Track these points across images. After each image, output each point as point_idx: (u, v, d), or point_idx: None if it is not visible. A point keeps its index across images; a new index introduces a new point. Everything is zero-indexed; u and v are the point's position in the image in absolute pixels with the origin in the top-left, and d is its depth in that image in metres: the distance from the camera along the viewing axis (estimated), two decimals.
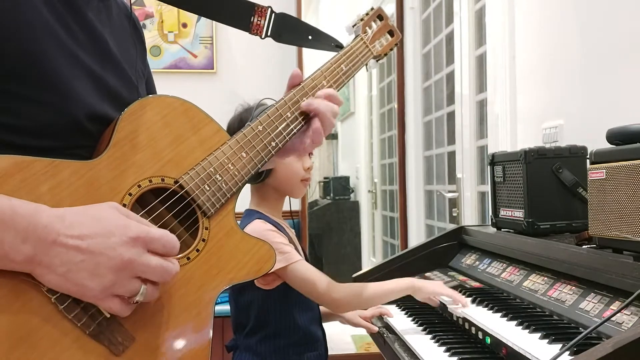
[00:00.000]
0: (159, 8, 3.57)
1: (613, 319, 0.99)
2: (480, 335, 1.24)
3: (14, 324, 0.71)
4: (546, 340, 1.06)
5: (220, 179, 0.90)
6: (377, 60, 1.26)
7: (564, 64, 1.88)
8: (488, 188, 1.89)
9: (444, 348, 1.24)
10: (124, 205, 0.81)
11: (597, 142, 1.16)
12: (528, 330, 1.13)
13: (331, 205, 5.42)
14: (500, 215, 1.62)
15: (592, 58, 1.73)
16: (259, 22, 1.13)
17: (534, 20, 2.07)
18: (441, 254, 1.79)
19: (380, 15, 1.26)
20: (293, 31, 1.17)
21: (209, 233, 0.88)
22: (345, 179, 5.65)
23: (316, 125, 1.04)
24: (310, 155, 1.61)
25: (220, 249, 0.89)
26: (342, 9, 5.14)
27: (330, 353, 1.66)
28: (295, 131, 1.03)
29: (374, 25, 1.25)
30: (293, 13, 3.39)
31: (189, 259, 0.86)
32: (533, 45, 2.08)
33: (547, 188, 1.47)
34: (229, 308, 1.65)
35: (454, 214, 2.89)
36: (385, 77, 4.65)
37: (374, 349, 2.14)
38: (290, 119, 1.02)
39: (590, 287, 1.14)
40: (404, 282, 1.49)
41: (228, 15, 1.13)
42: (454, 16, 2.92)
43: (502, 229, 1.62)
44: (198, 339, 0.84)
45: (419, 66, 3.62)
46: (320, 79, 1.09)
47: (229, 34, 3.57)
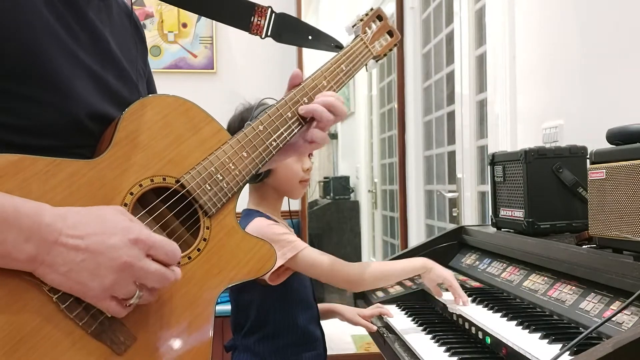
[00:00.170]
0: (159, 8, 3.57)
1: (613, 319, 0.99)
2: (480, 335, 1.24)
3: (15, 323, 0.71)
4: (546, 340, 1.06)
5: (221, 178, 0.90)
6: (377, 61, 1.26)
7: (564, 64, 1.88)
8: (488, 188, 1.89)
9: (444, 348, 1.24)
10: (125, 204, 0.81)
11: (597, 142, 1.16)
12: (528, 330, 1.13)
13: (331, 205, 5.42)
14: (500, 215, 1.62)
15: (592, 58, 1.73)
16: (259, 22, 1.13)
17: (534, 20, 2.07)
18: (441, 254, 1.79)
19: (379, 16, 1.26)
20: (293, 31, 1.17)
21: (210, 232, 0.88)
22: (345, 179, 5.65)
23: (314, 128, 1.05)
24: (310, 156, 1.61)
25: (222, 249, 0.89)
26: (342, 9, 5.14)
27: (330, 353, 1.66)
28: (296, 131, 1.03)
29: (374, 26, 1.25)
30: (293, 13, 3.39)
31: (190, 258, 0.86)
32: (533, 45, 2.08)
33: (547, 188, 1.47)
34: (228, 308, 1.65)
35: (454, 214, 2.89)
36: (385, 77, 4.65)
37: (374, 349, 2.14)
38: (291, 119, 1.02)
39: (591, 287, 1.15)
40: (417, 261, 1.49)
41: (228, 15, 1.13)
42: (454, 16, 2.91)
43: (502, 229, 1.62)
44: (199, 338, 0.84)
45: (419, 66, 3.62)
46: (321, 79, 1.09)
47: (229, 34, 3.57)
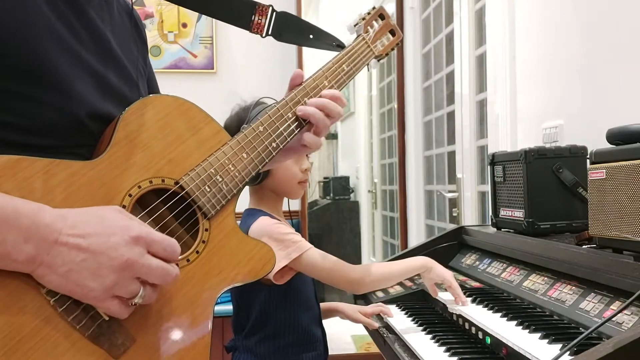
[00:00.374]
0: (159, 8, 3.57)
1: (613, 319, 0.99)
2: (480, 335, 1.24)
3: (13, 326, 0.70)
4: (546, 340, 1.06)
5: (221, 180, 0.90)
6: (379, 60, 1.25)
7: (564, 64, 1.88)
8: (488, 188, 1.89)
9: (444, 348, 1.23)
10: (124, 206, 0.81)
11: (597, 142, 1.16)
12: (528, 330, 1.13)
13: (331, 205, 5.41)
14: (500, 215, 1.62)
15: (592, 58, 1.73)
16: (259, 21, 1.12)
17: (534, 20, 2.07)
18: (441, 254, 1.79)
19: (381, 15, 1.25)
20: (294, 30, 1.17)
21: (209, 234, 0.88)
22: (345, 179, 5.64)
23: (309, 132, 1.04)
24: (307, 156, 1.61)
25: (221, 251, 0.88)
26: (343, 7, 5.13)
27: (330, 353, 1.66)
28: (296, 132, 1.02)
29: (376, 25, 1.24)
30: (293, 12, 3.39)
31: (188, 260, 0.86)
32: (533, 45, 2.08)
33: (547, 188, 1.47)
34: (229, 308, 1.65)
35: (454, 214, 2.89)
36: (385, 77, 4.65)
37: (374, 349, 2.14)
38: (292, 120, 1.02)
39: (591, 287, 1.14)
40: (418, 261, 1.49)
41: (229, 14, 1.12)
42: (454, 16, 2.91)
43: (502, 229, 1.62)
44: (198, 340, 0.84)
45: (419, 66, 3.61)
46: (322, 79, 1.08)
47: (229, 33, 3.57)
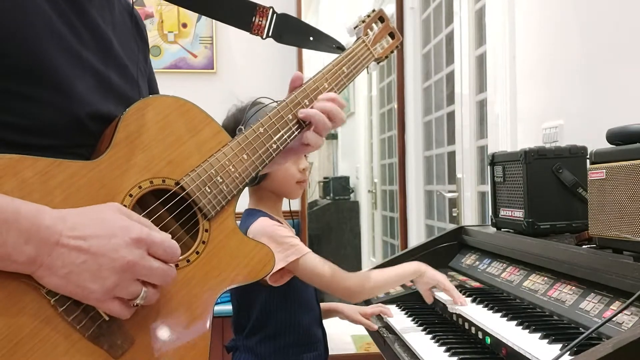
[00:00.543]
0: (159, 8, 3.57)
1: (613, 319, 0.99)
2: (480, 335, 1.24)
3: (12, 326, 0.70)
4: (546, 340, 1.06)
5: (221, 181, 0.90)
6: (378, 63, 1.25)
7: (564, 64, 1.88)
8: (488, 188, 1.89)
9: (444, 348, 1.24)
10: (124, 206, 0.81)
11: (597, 142, 1.16)
12: (528, 330, 1.13)
13: (331, 205, 5.41)
14: (500, 215, 1.62)
15: (592, 58, 1.73)
16: (260, 23, 1.12)
17: (534, 20, 2.07)
18: (441, 254, 1.79)
19: (381, 17, 1.26)
20: (294, 32, 1.17)
21: (209, 235, 0.88)
22: (345, 179, 5.64)
23: (310, 131, 1.04)
24: (305, 156, 1.60)
25: (221, 252, 0.88)
26: (342, 9, 5.14)
27: (330, 353, 1.66)
28: (296, 133, 1.02)
29: (376, 27, 1.24)
30: (293, 13, 3.39)
31: (188, 261, 0.85)
32: (533, 45, 2.08)
33: (547, 188, 1.47)
34: (229, 308, 1.65)
35: (454, 214, 2.89)
36: (385, 77, 4.65)
37: (374, 349, 2.14)
38: (292, 121, 1.02)
39: (590, 287, 1.14)
40: (411, 266, 1.49)
41: (229, 15, 1.12)
42: (454, 16, 2.91)
43: (502, 229, 1.62)
44: (198, 340, 0.84)
45: (419, 66, 3.61)
46: (322, 81, 1.08)
47: (229, 34, 3.57)
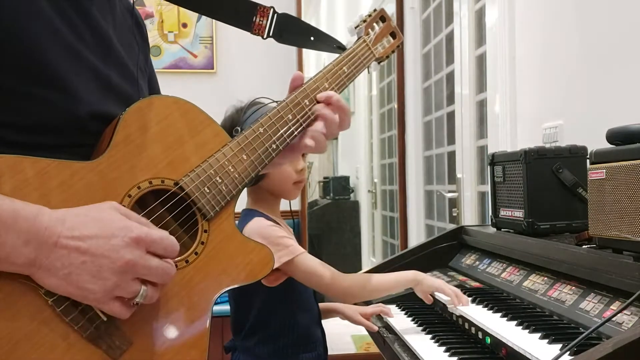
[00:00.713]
0: (159, 8, 3.57)
1: (613, 319, 0.99)
2: (480, 335, 1.24)
3: (10, 327, 0.70)
4: (546, 340, 1.06)
5: (220, 181, 0.89)
6: (379, 63, 1.25)
7: (564, 64, 1.88)
8: (488, 188, 1.89)
9: (443, 348, 1.24)
10: (123, 206, 0.81)
11: (597, 142, 1.15)
12: (528, 330, 1.13)
13: (331, 205, 5.41)
14: (500, 215, 1.62)
15: (592, 58, 1.73)
16: (261, 22, 1.12)
17: (534, 20, 2.07)
18: (441, 254, 1.79)
19: (383, 17, 1.25)
20: (295, 32, 1.17)
21: (208, 236, 0.88)
22: (345, 179, 5.64)
23: (319, 126, 1.03)
24: (303, 156, 1.59)
25: (220, 252, 0.88)
26: (342, 8, 5.14)
27: (330, 353, 1.66)
28: (296, 133, 1.02)
29: (377, 27, 1.23)
30: (293, 12, 3.39)
31: (187, 262, 0.85)
32: (533, 46, 2.08)
33: (547, 188, 1.47)
34: (228, 308, 1.65)
35: (454, 214, 2.89)
36: (385, 77, 4.65)
37: (374, 349, 2.14)
38: (292, 122, 1.01)
39: (590, 287, 1.14)
40: (408, 274, 1.50)
41: (230, 15, 1.12)
42: (454, 16, 2.91)
43: (502, 229, 1.62)
44: (196, 341, 0.83)
45: (419, 66, 3.61)
46: (322, 81, 1.08)
47: (229, 34, 3.57)
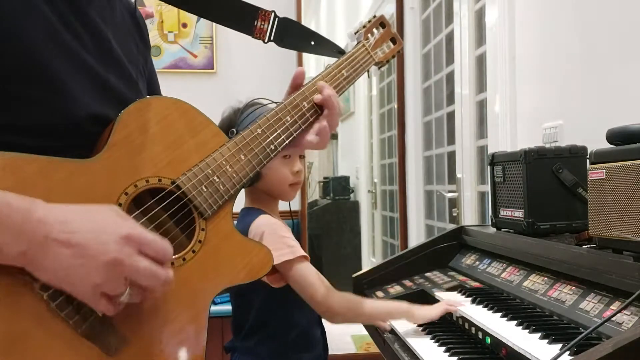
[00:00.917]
0: (159, 8, 3.57)
1: (613, 319, 0.99)
2: (480, 335, 1.24)
3: (6, 323, 0.70)
4: (546, 340, 1.06)
5: (218, 180, 0.90)
6: (379, 67, 1.27)
7: (564, 64, 1.88)
8: (488, 188, 1.89)
9: (443, 348, 1.23)
10: (120, 204, 0.81)
11: (597, 142, 1.15)
12: (528, 330, 1.13)
13: (331, 205, 5.41)
14: (500, 216, 1.62)
15: (592, 58, 1.73)
16: (262, 27, 1.13)
17: (534, 20, 2.07)
18: (441, 254, 1.79)
19: (382, 23, 1.28)
20: (296, 36, 1.18)
21: (205, 234, 0.88)
22: (345, 179, 5.64)
23: (324, 123, 1.05)
24: (300, 157, 1.59)
25: (218, 251, 0.88)
26: (342, 8, 5.14)
27: (330, 353, 1.65)
28: (294, 135, 1.03)
29: (376, 33, 1.26)
30: (293, 15, 3.39)
31: (184, 260, 0.85)
32: (533, 46, 2.08)
33: (547, 188, 1.47)
34: (228, 308, 1.65)
35: (454, 214, 2.89)
36: (385, 77, 4.65)
37: (374, 349, 2.14)
38: (290, 123, 1.02)
39: (590, 287, 1.14)
40: (402, 307, 1.45)
41: (232, 19, 1.13)
42: (454, 16, 2.91)
43: (502, 229, 1.62)
44: (193, 341, 0.83)
45: (419, 66, 3.61)
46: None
47: (229, 34, 3.52)
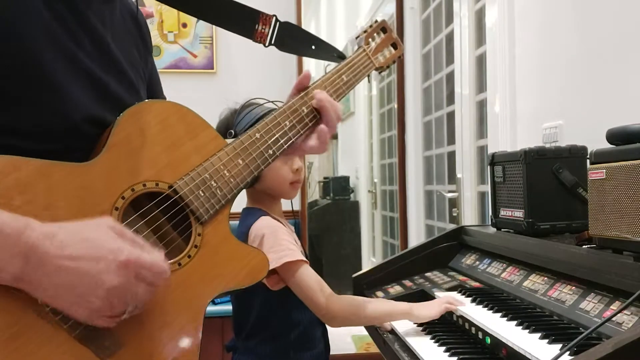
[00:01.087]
0: (159, 8, 3.57)
1: (613, 319, 0.99)
2: (480, 335, 1.24)
3: (0, 324, 0.70)
4: (546, 340, 1.06)
5: (215, 185, 0.89)
6: (380, 72, 1.27)
7: (564, 64, 1.88)
8: (488, 188, 1.89)
9: (443, 348, 1.23)
10: (117, 208, 0.80)
11: (597, 142, 1.15)
12: (528, 330, 1.13)
13: (331, 205, 5.40)
14: (500, 216, 1.62)
15: (592, 58, 1.73)
16: (263, 30, 1.13)
17: (534, 20, 2.07)
18: (441, 254, 1.79)
19: (384, 28, 1.28)
20: (296, 40, 1.18)
21: (202, 239, 0.87)
22: (345, 179, 5.64)
23: (322, 127, 1.05)
24: (300, 156, 1.59)
25: (214, 256, 0.88)
26: (341, 9, 5.13)
27: (330, 353, 1.66)
28: (293, 140, 1.03)
29: (377, 38, 1.26)
30: (293, 18, 3.38)
31: (180, 264, 0.85)
32: (533, 46, 2.08)
33: (547, 188, 1.47)
34: (228, 308, 1.65)
35: (454, 214, 2.89)
36: (385, 77, 4.65)
37: (374, 349, 2.14)
38: (289, 127, 1.02)
39: (590, 288, 1.14)
40: (403, 307, 1.45)
41: (233, 22, 1.13)
42: (453, 16, 2.91)
43: (502, 229, 1.62)
44: (188, 344, 0.83)
45: (419, 66, 3.61)
46: (321, 89, 1.09)
47: (229, 34, 3.52)
